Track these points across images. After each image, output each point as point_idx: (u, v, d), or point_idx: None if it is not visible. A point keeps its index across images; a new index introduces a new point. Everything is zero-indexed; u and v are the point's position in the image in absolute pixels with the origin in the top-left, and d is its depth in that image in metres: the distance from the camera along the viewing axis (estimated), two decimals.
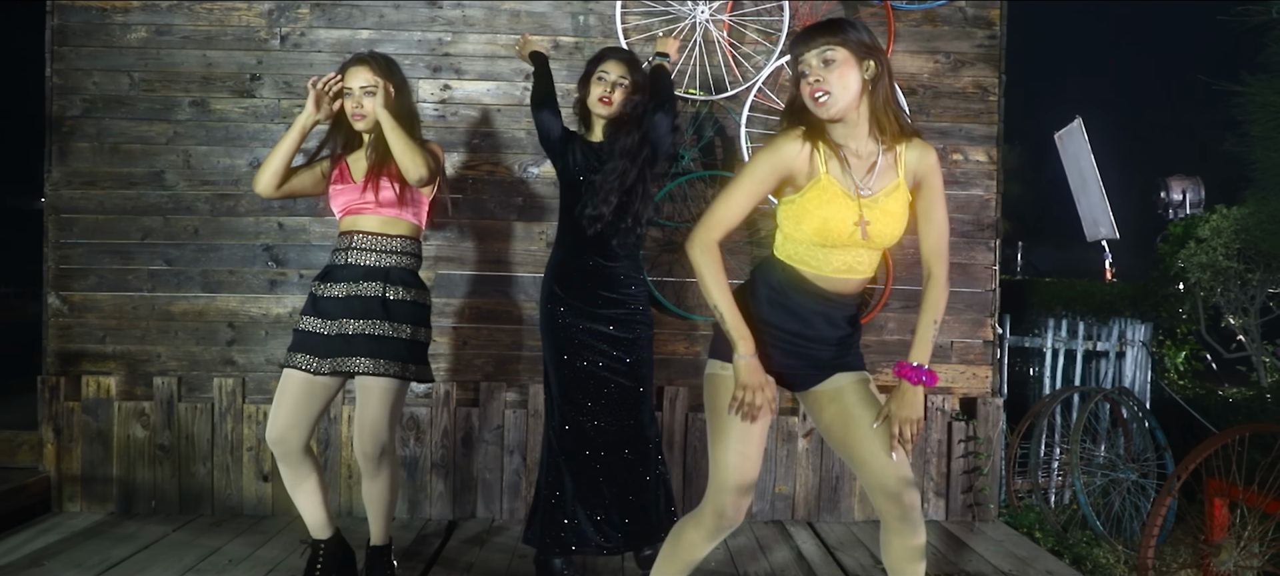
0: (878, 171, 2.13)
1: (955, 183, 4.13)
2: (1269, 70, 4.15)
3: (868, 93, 2.08)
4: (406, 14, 3.99)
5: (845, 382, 2.23)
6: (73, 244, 3.94)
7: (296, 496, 2.88)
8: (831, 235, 2.10)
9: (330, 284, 2.81)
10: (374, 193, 2.79)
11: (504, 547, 3.56)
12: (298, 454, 2.80)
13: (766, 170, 2.12)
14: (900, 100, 2.15)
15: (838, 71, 2.04)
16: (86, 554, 3.33)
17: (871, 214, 2.10)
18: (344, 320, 2.77)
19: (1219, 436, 3.08)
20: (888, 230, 2.14)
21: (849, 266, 2.17)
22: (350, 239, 2.83)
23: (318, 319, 2.79)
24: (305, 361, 2.76)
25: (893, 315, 4.11)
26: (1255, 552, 3.00)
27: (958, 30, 4.11)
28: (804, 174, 2.12)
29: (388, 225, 2.84)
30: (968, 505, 4.06)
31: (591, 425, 3.08)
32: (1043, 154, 16.91)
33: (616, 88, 3.06)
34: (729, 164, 4.02)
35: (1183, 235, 6.00)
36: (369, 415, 2.77)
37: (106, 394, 3.88)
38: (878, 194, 2.12)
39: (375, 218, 2.83)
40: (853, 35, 2.06)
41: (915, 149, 2.15)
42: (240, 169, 3.97)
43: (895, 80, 2.14)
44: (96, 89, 3.94)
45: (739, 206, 2.13)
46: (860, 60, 2.06)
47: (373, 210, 2.82)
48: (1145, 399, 4.56)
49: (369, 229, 2.83)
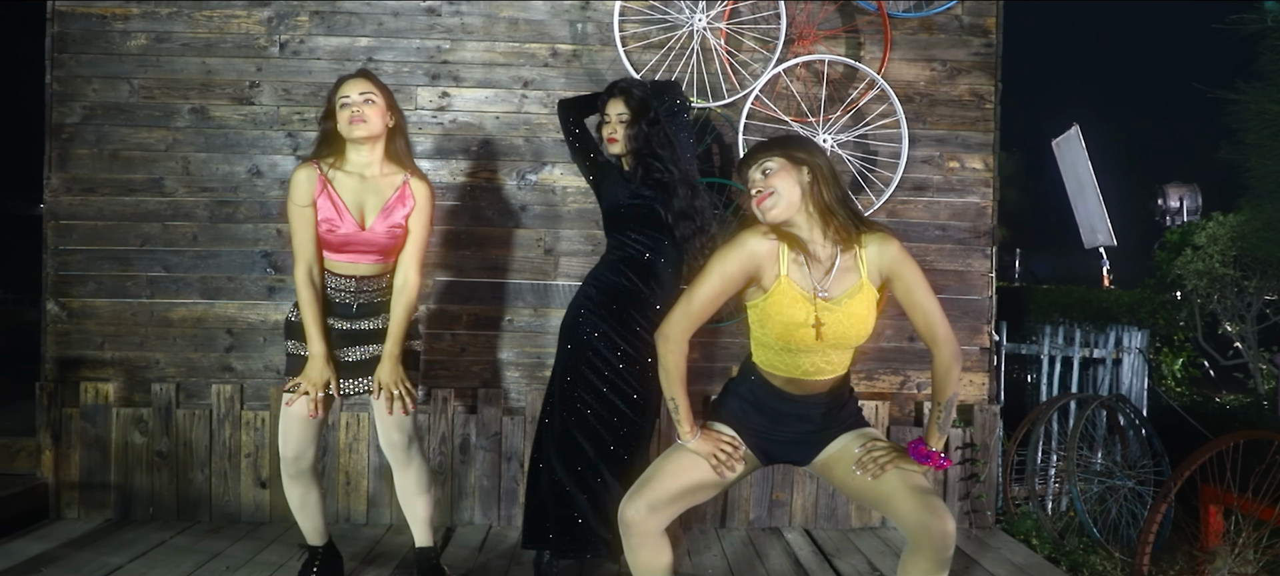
0: (836, 273, 2.20)
1: (952, 190, 4.15)
2: (1264, 78, 4.17)
3: (809, 196, 2.19)
4: (405, 21, 4.01)
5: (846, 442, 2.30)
6: (72, 250, 3.95)
7: (298, 507, 2.94)
8: (793, 339, 2.19)
9: (343, 320, 2.85)
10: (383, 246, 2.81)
11: (501, 553, 3.56)
12: (309, 474, 2.89)
13: (736, 266, 2.21)
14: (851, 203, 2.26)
15: (776, 178, 2.18)
16: (84, 560, 3.33)
17: (828, 317, 2.17)
18: (352, 348, 2.84)
19: (1214, 443, 3.09)
20: (848, 332, 2.20)
21: (818, 368, 2.25)
22: (350, 282, 2.81)
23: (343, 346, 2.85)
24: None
25: (889, 322, 4.12)
26: (1250, 559, 3.01)
27: (954, 38, 4.13)
28: (769, 275, 2.20)
29: (383, 268, 2.86)
30: (965, 512, 4.06)
31: (587, 432, 3.11)
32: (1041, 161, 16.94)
33: (618, 125, 3.16)
34: (726, 171, 4.03)
35: (1180, 242, 6.01)
36: (393, 423, 2.86)
37: (105, 400, 3.88)
38: (839, 297, 2.19)
39: (375, 264, 2.84)
40: (790, 149, 2.22)
41: (874, 244, 2.21)
42: (239, 176, 3.98)
43: (840, 181, 2.25)
44: (96, 95, 3.95)
45: (709, 302, 2.24)
46: (796, 166, 2.20)
47: (376, 260, 2.83)
48: (1142, 406, 4.57)
49: (367, 274, 2.83)
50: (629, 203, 3.16)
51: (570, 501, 3.10)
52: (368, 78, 2.82)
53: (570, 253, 4.05)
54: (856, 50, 4.09)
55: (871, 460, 2.19)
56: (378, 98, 2.78)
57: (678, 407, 2.29)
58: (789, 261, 2.18)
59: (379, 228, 2.78)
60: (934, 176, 4.14)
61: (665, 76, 3.97)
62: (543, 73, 4.03)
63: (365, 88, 2.78)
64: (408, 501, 3.02)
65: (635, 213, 3.15)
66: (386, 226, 2.79)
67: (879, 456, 2.18)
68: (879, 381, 4.13)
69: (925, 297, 2.22)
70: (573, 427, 3.12)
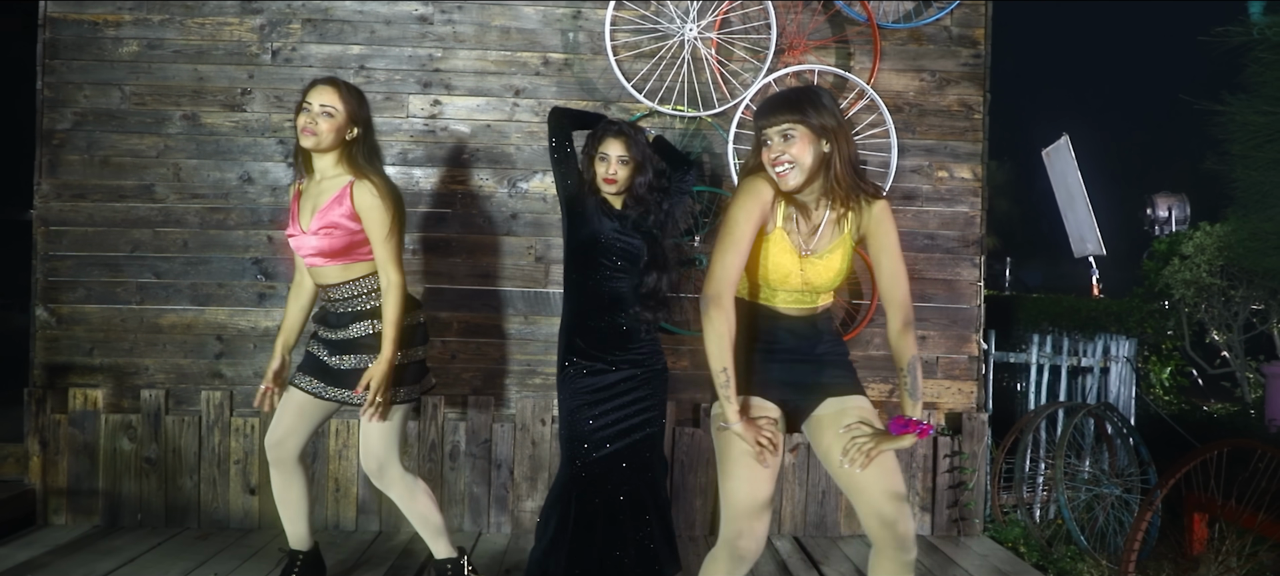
0: (822, 231, 2.25)
1: (941, 199, 4.18)
2: (1249, 90, 4.21)
3: (823, 167, 2.21)
4: (397, 29, 4.02)
5: (836, 409, 2.29)
6: (61, 256, 3.95)
7: (283, 505, 2.97)
8: (781, 281, 2.25)
9: (323, 326, 2.90)
10: (320, 241, 2.77)
11: (491, 560, 3.56)
12: (291, 461, 2.92)
13: (756, 215, 2.21)
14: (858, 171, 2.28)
15: (796, 147, 2.16)
16: (72, 567, 3.32)
17: (810, 271, 2.25)
18: (340, 356, 2.85)
19: (1198, 452, 3.11)
20: (826, 279, 2.27)
21: (799, 300, 2.30)
22: (326, 292, 2.87)
23: (322, 348, 2.89)
24: (309, 383, 2.87)
25: (878, 330, 4.14)
26: (1233, 567, 3.03)
27: (943, 49, 4.16)
28: (769, 221, 2.25)
29: (346, 270, 2.82)
30: (953, 520, 4.08)
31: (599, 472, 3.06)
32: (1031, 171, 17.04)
33: (619, 166, 3.06)
34: (716, 181, 4.05)
35: (1167, 252, 6.06)
36: (363, 437, 2.88)
37: (93, 406, 3.87)
38: (821, 252, 2.25)
39: (333, 269, 2.82)
40: (813, 116, 2.18)
41: (864, 208, 2.26)
42: (230, 183, 3.99)
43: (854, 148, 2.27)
44: (87, 102, 3.95)
45: (739, 257, 2.20)
46: (816, 138, 2.18)
47: (326, 262, 2.81)
48: (1130, 414, 4.59)
49: (332, 281, 2.83)
50: (613, 238, 3.07)
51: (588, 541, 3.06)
52: (334, 88, 2.78)
53: (561, 260, 4.05)
54: (846, 60, 4.11)
55: (857, 450, 2.18)
56: (339, 111, 2.76)
57: (729, 380, 2.16)
58: (783, 215, 2.24)
59: (312, 227, 2.77)
60: (923, 186, 4.17)
61: (656, 85, 3.99)
62: (534, 81, 4.05)
63: (326, 99, 2.76)
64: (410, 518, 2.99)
65: (617, 249, 3.07)
66: (318, 226, 2.76)
67: (863, 444, 2.18)
68: (868, 390, 4.14)
69: (894, 260, 2.28)
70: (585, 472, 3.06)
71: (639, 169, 3.08)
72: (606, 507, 3.05)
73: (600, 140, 3.09)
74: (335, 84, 2.80)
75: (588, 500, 3.05)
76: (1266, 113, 4.11)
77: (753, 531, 2.19)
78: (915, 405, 2.20)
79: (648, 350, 3.13)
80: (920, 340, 4.17)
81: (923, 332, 4.17)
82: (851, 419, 2.24)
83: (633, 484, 3.07)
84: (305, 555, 3.05)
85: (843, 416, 2.26)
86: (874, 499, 2.17)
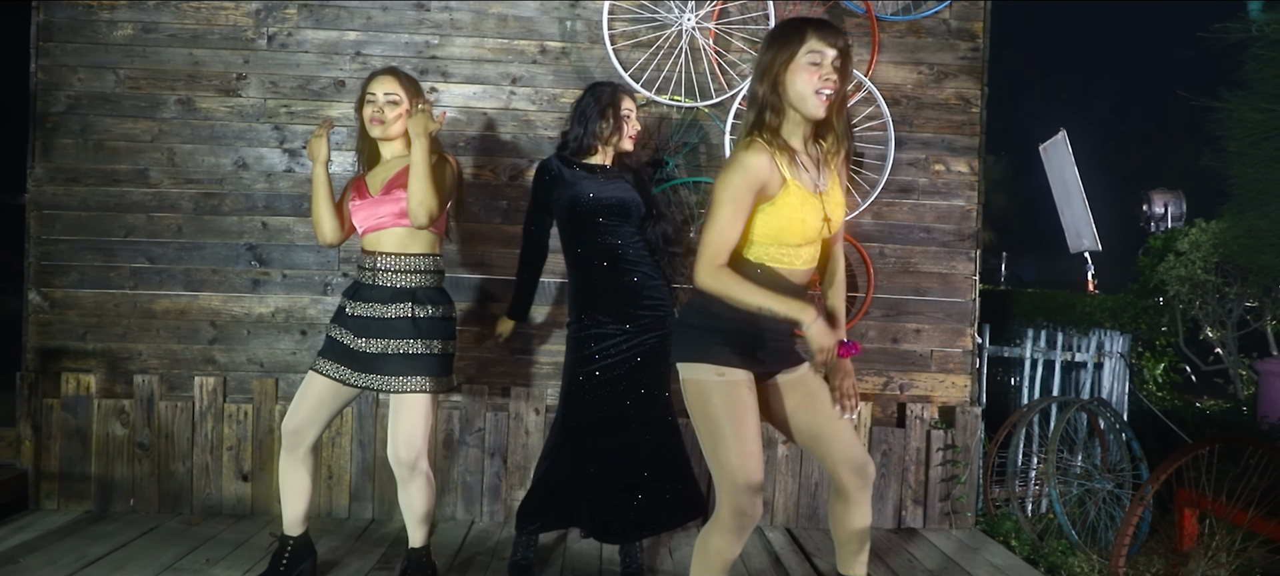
0: (820, 167, 2.29)
1: (937, 193, 4.18)
2: (1246, 87, 4.21)
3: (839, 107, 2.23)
4: (394, 16, 4.01)
5: (804, 371, 2.40)
6: (55, 240, 3.93)
7: (286, 488, 2.98)
8: (808, 233, 2.23)
9: (358, 303, 2.89)
10: (391, 204, 2.86)
11: (484, 549, 3.57)
12: (305, 450, 2.94)
13: (745, 190, 2.16)
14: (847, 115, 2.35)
15: (841, 77, 2.17)
16: (63, 551, 3.32)
17: (829, 207, 2.26)
18: (374, 339, 2.85)
19: (1189, 448, 3.12)
20: (839, 218, 2.33)
21: (810, 257, 2.32)
22: (374, 260, 2.89)
23: (346, 332, 2.89)
24: (334, 370, 2.88)
25: (873, 323, 4.14)
26: (1222, 563, 3.04)
27: (941, 42, 4.15)
28: (775, 183, 2.19)
29: (406, 242, 2.88)
30: (945, 513, 4.09)
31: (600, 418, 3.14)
32: (1028, 165, 17.03)
33: (637, 122, 3.26)
34: (712, 170, 4.04)
35: (1162, 248, 6.07)
36: (404, 427, 2.85)
37: (86, 391, 3.86)
38: (829, 189, 2.29)
39: (394, 235, 2.87)
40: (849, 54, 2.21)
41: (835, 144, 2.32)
42: (225, 168, 3.97)
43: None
44: (81, 85, 3.93)
45: (732, 229, 2.18)
46: (845, 76, 2.21)
47: (391, 224, 2.86)
48: (1123, 410, 4.60)
49: (390, 249, 2.88)
50: (592, 197, 3.13)
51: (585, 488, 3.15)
52: (395, 77, 2.91)
53: (557, 248, 4.04)
54: None
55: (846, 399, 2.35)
56: (403, 98, 2.89)
57: (773, 309, 2.15)
58: (787, 166, 2.19)
59: (382, 192, 2.87)
60: (920, 179, 4.16)
61: (654, 75, 3.98)
62: (531, 70, 4.04)
63: (390, 88, 2.88)
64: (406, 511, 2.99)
65: (602, 206, 3.13)
66: (391, 189, 2.86)
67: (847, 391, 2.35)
68: (862, 382, 4.15)
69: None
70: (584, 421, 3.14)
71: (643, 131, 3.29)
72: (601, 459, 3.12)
73: (622, 98, 3.21)
74: (395, 73, 2.92)
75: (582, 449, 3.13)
76: (1264, 110, 4.10)
77: (756, 499, 2.22)
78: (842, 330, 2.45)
79: (658, 299, 3.18)
80: (915, 333, 4.18)
81: (917, 326, 4.17)
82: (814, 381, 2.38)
83: (634, 436, 3.12)
84: (296, 541, 3.04)
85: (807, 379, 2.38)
86: (843, 449, 2.33)
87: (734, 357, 2.26)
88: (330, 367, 2.89)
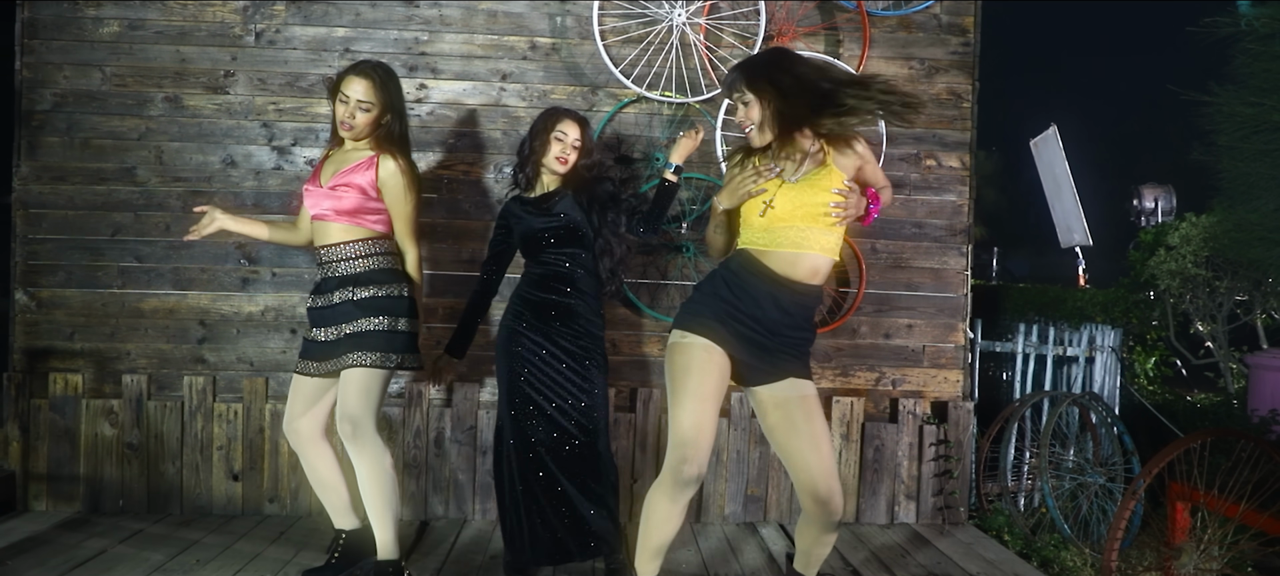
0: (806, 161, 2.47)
1: (929, 188, 4.17)
2: (1236, 81, 4.21)
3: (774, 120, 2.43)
4: (383, 12, 3.98)
5: (793, 395, 2.45)
6: (41, 239, 3.90)
7: (316, 486, 3.11)
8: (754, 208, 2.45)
9: (318, 296, 2.99)
10: (333, 200, 2.91)
11: (476, 547, 3.55)
12: (308, 439, 3.03)
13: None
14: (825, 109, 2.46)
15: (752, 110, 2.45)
16: (52, 553, 3.29)
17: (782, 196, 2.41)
18: (329, 327, 2.93)
19: (1182, 441, 3.12)
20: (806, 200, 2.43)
21: (796, 242, 2.40)
22: (320, 254, 2.98)
23: (313, 327, 3.00)
24: (303, 364, 3.01)
25: (866, 319, 4.14)
26: (1214, 555, 3.05)
27: (932, 37, 4.15)
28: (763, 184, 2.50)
29: (349, 232, 2.93)
30: (938, 508, 4.09)
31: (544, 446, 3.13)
32: (1019, 161, 17.08)
33: (572, 150, 3.19)
34: (702, 167, 4.03)
35: (1153, 243, 6.08)
36: (341, 399, 2.88)
37: (74, 391, 3.83)
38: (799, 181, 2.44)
39: (337, 226, 2.93)
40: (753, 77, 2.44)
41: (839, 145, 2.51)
42: (213, 165, 3.94)
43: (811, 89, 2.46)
44: (67, 83, 3.89)
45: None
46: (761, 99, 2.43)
47: (332, 218, 2.93)
48: (1114, 404, 4.61)
49: (333, 240, 2.94)
50: (542, 227, 3.16)
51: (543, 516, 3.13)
52: (370, 82, 2.89)
53: None
54: (835, 48, 4.10)
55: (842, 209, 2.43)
56: (376, 105, 2.90)
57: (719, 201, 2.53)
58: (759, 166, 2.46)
59: (329, 184, 2.91)
60: (911, 174, 4.16)
61: (644, 71, 3.96)
62: (521, 66, 4.02)
63: (363, 94, 2.88)
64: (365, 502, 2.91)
65: (551, 230, 3.16)
66: (335, 184, 2.90)
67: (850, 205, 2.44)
68: (855, 377, 4.15)
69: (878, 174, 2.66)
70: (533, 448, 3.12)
71: (586, 154, 3.22)
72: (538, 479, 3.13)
73: (557, 120, 3.19)
74: (371, 77, 2.89)
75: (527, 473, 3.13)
76: (1253, 104, 4.11)
77: (696, 457, 2.36)
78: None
79: (587, 328, 3.18)
80: (907, 328, 4.18)
81: (909, 321, 4.17)
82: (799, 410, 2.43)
83: (560, 459, 3.12)
84: (348, 536, 3.07)
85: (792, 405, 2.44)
86: (813, 476, 2.40)
87: (716, 331, 2.43)
88: (302, 363, 3.01)
